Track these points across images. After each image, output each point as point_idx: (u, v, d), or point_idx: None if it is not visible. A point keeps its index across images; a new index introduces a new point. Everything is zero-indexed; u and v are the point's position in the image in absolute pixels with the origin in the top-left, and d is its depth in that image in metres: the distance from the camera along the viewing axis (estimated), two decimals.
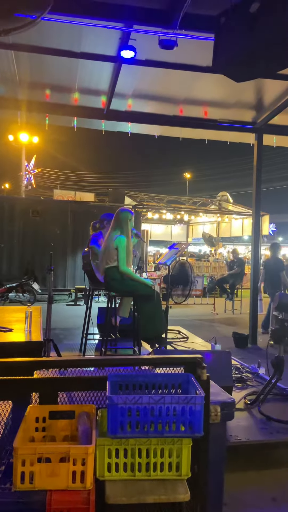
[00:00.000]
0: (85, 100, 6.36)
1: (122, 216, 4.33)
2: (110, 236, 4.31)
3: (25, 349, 3.06)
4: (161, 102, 6.47)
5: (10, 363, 1.93)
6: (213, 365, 3.45)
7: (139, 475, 1.63)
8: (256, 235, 7.36)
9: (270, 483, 3.02)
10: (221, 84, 5.52)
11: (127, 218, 4.33)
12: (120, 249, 4.20)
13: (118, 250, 4.21)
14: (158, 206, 18.55)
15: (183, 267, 5.87)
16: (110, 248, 4.25)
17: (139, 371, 2.04)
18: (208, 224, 22.95)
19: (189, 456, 1.65)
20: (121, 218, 4.32)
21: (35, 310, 4.13)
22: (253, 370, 4.91)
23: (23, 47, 4.86)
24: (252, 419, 3.58)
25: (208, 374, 1.87)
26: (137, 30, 4.39)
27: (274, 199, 37.67)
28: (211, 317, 10.63)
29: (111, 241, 4.26)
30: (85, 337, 5.09)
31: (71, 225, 12.88)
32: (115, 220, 4.36)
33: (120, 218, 4.33)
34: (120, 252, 4.19)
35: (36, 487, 1.50)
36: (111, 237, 4.29)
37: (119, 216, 4.34)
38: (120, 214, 4.36)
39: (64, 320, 8.70)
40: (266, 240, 30.43)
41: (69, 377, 1.96)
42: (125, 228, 4.29)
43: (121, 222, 4.31)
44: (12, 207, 12.50)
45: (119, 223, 4.32)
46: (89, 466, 1.53)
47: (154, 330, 4.51)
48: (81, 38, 4.78)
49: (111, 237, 4.30)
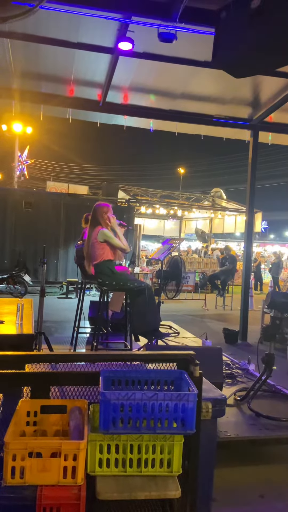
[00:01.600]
0: (81, 92, 6.29)
1: (98, 211, 4.33)
2: (91, 233, 4.31)
3: (16, 342, 3.03)
4: (158, 96, 6.43)
5: (1, 357, 1.91)
6: (204, 360, 3.45)
7: (131, 471, 1.62)
8: (249, 232, 7.38)
9: (259, 479, 3.04)
10: (218, 79, 5.50)
11: (102, 211, 4.32)
12: (110, 239, 4.20)
13: (109, 241, 4.19)
14: (151, 201, 18.53)
15: (176, 262, 5.87)
16: (96, 244, 4.23)
17: (131, 368, 2.03)
18: (201, 220, 22.99)
19: (180, 453, 1.66)
20: (97, 213, 4.32)
21: (26, 303, 4.10)
22: (243, 366, 4.94)
23: (19, 36, 4.78)
24: (241, 415, 3.60)
25: (201, 371, 1.87)
26: (136, 22, 4.34)
27: (267, 197, 37.86)
28: (202, 313, 10.68)
29: (94, 237, 4.25)
30: (76, 331, 5.08)
31: (64, 217, 12.81)
32: (92, 217, 4.36)
33: (96, 213, 4.33)
34: (112, 240, 4.20)
35: (26, 482, 1.49)
36: (92, 234, 4.28)
37: (96, 212, 4.34)
38: (96, 210, 4.35)
39: (55, 313, 8.67)
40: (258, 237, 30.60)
41: (62, 372, 1.95)
42: (102, 222, 4.29)
43: (98, 217, 4.30)
44: (4, 198, 12.39)
45: (96, 219, 4.32)
46: (81, 462, 1.52)
47: (147, 325, 4.50)
48: (79, 28, 4.72)
49: (92, 233, 4.28)
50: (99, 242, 4.20)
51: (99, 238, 4.19)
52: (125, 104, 6.55)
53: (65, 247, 12.79)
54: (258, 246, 26.19)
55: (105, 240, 4.19)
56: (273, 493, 2.89)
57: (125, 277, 4.43)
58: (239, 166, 40.42)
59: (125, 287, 4.40)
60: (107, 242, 4.19)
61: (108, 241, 4.19)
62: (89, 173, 37.28)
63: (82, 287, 5.22)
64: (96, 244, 4.22)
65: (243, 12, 2.50)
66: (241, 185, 26.20)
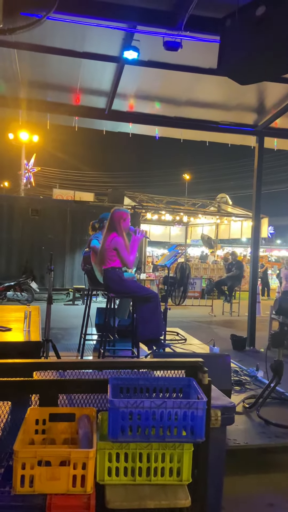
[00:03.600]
0: (86, 100, 6.34)
1: (116, 217, 4.33)
2: (106, 238, 4.31)
3: (24, 349, 3.04)
4: (163, 103, 6.46)
5: (9, 364, 1.91)
6: (212, 367, 3.43)
7: (140, 479, 1.61)
8: (256, 238, 7.35)
9: (268, 488, 3.01)
10: (223, 86, 5.52)
11: (120, 218, 4.32)
12: (119, 251, 4.19)
13: (118, 251, 4.20)
14: (157, 207, 18.53)
15: (183, 268, 5.86)
16: (108, 250, 4.24)
17: (139, 375, 2.03)
18: (207, 225, 22.94)
19: (190, 461, 1.64)
20: (115, 218, 4.32)
21: (34, 310, 4.11)
22: (251, 373, 4.91)
23: (26, 46, 4.84)
24: (251, 423, 3.57)
25: (210, 379, 1.86)
26: (141, 31, 4.37)
27: (273, 202, 37.73)
28: (209, 319, 10.63)
29: (108, 243, 4.25)
30: (83, 338, 5.08)
31: (70, 224, 12.87)
32: (110, 221, 4.36)
33: (114, 218, 4.33)
34: (120, 253, 4.19)
35: (36, 491, 1.49)
36: (107, 239, 4.29)
37: (113, 217, 4.34)
38: (114, 215, 4.35)
39: (62, 319, 8.68)
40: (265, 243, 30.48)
41: (70, 379, 1.94)
42: (119, 229, 4.28)
43: (115, 223, 4.30)
44: (11, 206, 12.48)
45: (113, 225, 4.31)
46: (90, 470, 1.52)
47: (150, 334, 4.48)
48: (84, 37, 4.76)
49: (106, 238, 4.29)
50: (111, 249, 4.22)
51: (111, 245, 4.21)
52: (131, 111, 6.59)
53: (71, 254, 12.83)
54: (264, 251, 26.07)
55: (115, 249, 4.20)
56: (283, 502, 2.86)
57: (133, 284, 4.44)
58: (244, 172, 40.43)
59: (132, 294, 4.40)
60: (117, 251, 4.21)
61: (118, 251, 4.20)
62: (95, 180, 37.52)
63: (89, 294, 5.23)
64: (108, 250, 4.24)
65: (248, 20, 2.51)
66: (247, 190, 26.18)
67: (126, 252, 4.20)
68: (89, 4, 3.88)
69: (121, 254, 4.18)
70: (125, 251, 4.20)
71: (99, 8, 3.91)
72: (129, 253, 4.23)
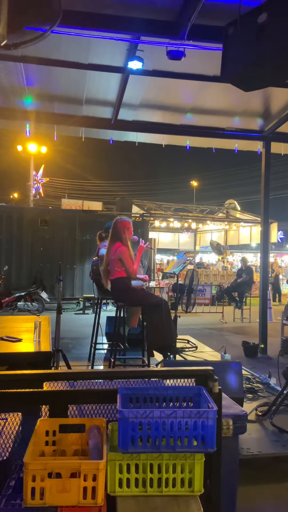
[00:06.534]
0: (93, 111, 6.41)
1: (120, 226, 4.32)
2: (110, 247, 4.31)
3: (34, 360, 3.04)
4: (169, 111, 6.50)
5: (19, 376, 1.92)
6: (223, 375, 3.41)
7: (151, 491, 1.59)
8: (265, 243, 7.31)
9: (283, 498, 2.95)
10: (228, 93, 5.53)
11: (124, 227, 4.32)
12: (124, 261, 4.19)
13: (123, 261, 4.20)
14: (165, 215, 18.56)
15: (192, 275, 5.85)
16: (113, 260, 4.24)
17: (149, 384, 2.01)
18: (216, 232, 22.91)
19: (201, 472, 1.62)
20: (119, 228, 4.31)
21: (44, 320, 4.11)
22: (264, 380, 4.85)
23: (33, 60, 4.92)
24: (264, 432, 3.51)
25: (220, 387, 1.84)
26: (145, 42, 4.42)
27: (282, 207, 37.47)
28: (220, 326, 10.55)
29: (112, 254, 4.25)
30: (93, 347, 5.07)
31: (79, 234, 12.94)
32: (113, 231, 4.35)
33: (118, 228, 4.32)
34: (125, 263, 4.18)
35: (46, 503, 1.48)
36: (111, 249, 4.28)
37: (117, 226, 4.33)
38: (117, 224, 4.35)
39: (72, 329, 8.69)
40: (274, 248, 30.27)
41: (79, 390, 1.94)
42: (123, 238, 4.27)
43: (119, 232, 4.29)
44: (20, 217, 12.60)
45: (116, 234, 4.30)
46: (100, 482, 1.50)
47: (163, 340, 4.46)
48: (89, 49, 4.83)
49: (111, 249, 4.29)
50: (116, 259, 4.22)
51: (116, 255, 4.21)
52: (137, 120, 6.64)
53: (81, 263, 12.88)
54: (274, 256, 25.87)
55: (120, 259, 4.20)
56: None
57: (142, 293, 4.43)
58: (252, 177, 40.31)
59: (141, 302, 4.39)
60: (122, 262, 4.21)
61: (122, 261, 4.20)
62: (103, 189, 37.75)
63: (98, 303, 5.23)
64: (114, 261, 4.23)
65: (250, 27, 2.52)
66: (255, 195, 26.10)
67: (130, 262, 4.19)
68: (93, 16, 3.94)
69: (126, 264, 4.18)
70: (130, 260, 4.19)
71: (103, 20, 3.96)
72: (133, 263, 4.22)
